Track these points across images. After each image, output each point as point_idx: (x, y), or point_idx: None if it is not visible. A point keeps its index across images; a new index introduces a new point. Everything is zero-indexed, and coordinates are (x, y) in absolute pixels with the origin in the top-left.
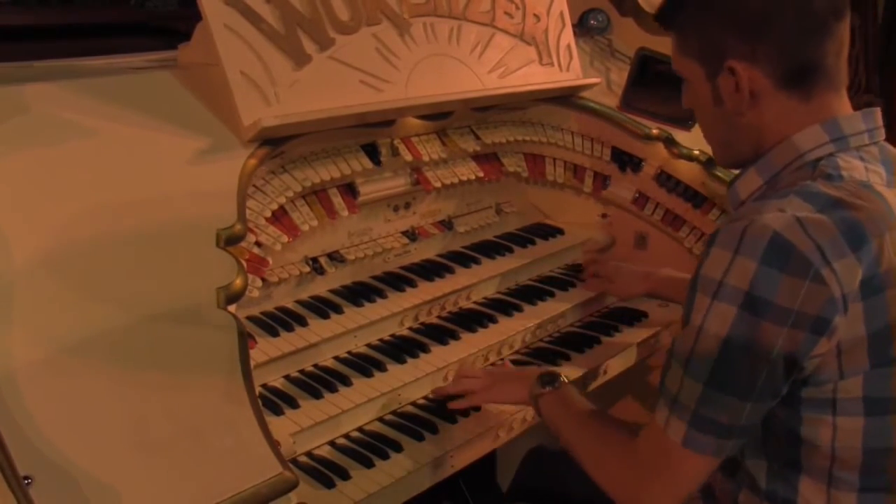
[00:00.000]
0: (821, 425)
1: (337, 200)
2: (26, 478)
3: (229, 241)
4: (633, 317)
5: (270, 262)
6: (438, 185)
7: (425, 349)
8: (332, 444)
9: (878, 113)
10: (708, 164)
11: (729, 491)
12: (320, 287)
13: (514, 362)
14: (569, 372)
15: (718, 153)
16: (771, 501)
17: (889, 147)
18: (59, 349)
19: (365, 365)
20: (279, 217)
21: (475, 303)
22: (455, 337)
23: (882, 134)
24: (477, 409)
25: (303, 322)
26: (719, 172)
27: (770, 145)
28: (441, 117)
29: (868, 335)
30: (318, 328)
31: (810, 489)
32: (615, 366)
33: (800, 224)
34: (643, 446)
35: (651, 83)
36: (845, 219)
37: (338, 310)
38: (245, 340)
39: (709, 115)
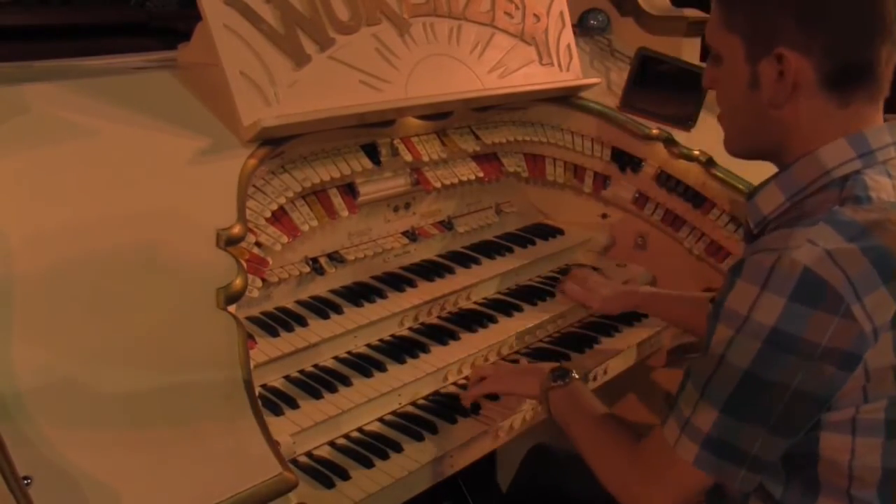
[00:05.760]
0: (840, 446)
1: (337, 200)
2: (26, 478)
3: (229, 241)
4: (633, 317)
5: (270, 262)
6: (438, 185)
7: (425, 349)
8: (331, 444)
9: None
10: (708, 164)
11: (734, 500)
12: (320, 287)
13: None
14: None
15: (734, 141)
16: None
17: None
18: (58, 349)
19: (365, 365)
20: (279, 217)
21: (475, 303)
22: (455, 337)
23: None
24: (477, 407)
25: (303, 322)
26: (719, 173)
27: (794, 150)
28: (441, 117)
29: None
30: (318, 328)
31: None
32: (615, 366)
33: (831, 258)
34: (650, 453)
35: (651, 83)
36: (876, 248)
37: (338, 310)
38: (245, 341)
39: (738, 98)
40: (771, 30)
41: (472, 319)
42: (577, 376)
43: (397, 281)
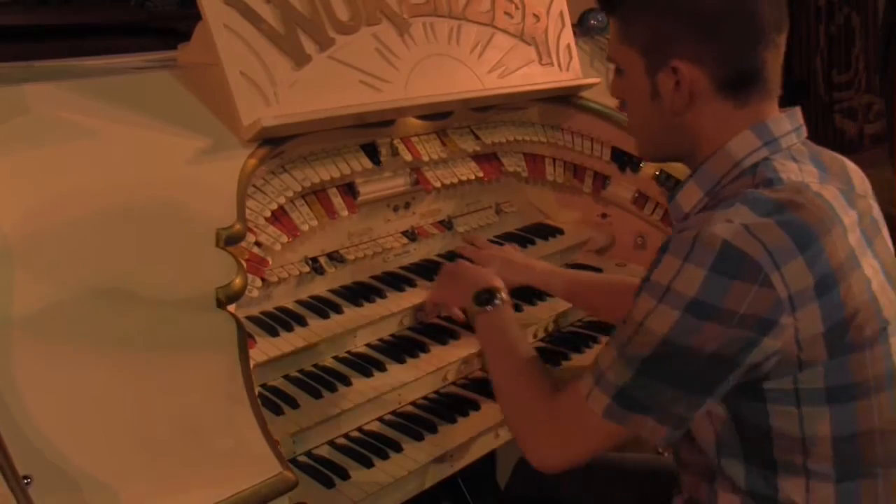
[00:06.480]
0: (788, 418)
1: (337, 200)
2: (26, 478)
3: (229, 240)
4: None
5: (270, 262)
6: (438, 185)
7: (425, 349)
8: (331, 443)
9: (799, 111)
10: None
11: (707, 497)
12: (320, 287)
13: None
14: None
15: (645, 148)
16: (753, 500)
17: (812, 144)
18: (59, 350)
19: (365, 365)
20: (279, 217)
21: None
22: (455, 337)
23: (805, 132)
24: (477, 407)
25: (303, 322)
26: None
27: (705, 151)
28: (441, 117)
29: (825, 330)
30: (317, 328)
31: (789, 485)
32: None
33: (748, 231)
34: (561, 405)
35: None
36: (791, 221)
37: (338, 310)
38: (245, 340)
39: (643, 110)
40: (665, 43)
41: None
42: (505, 298)
43: (397, 281)
